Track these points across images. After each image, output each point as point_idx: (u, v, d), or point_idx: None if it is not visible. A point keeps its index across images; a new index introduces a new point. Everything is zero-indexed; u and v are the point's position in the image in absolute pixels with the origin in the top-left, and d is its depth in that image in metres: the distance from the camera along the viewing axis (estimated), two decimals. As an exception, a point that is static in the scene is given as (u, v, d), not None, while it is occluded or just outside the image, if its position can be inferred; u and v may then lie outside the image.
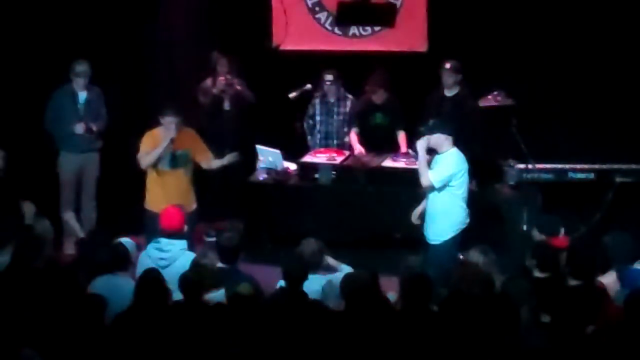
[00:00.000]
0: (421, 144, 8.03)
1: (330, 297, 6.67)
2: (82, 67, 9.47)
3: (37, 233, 7.28)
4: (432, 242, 8.09)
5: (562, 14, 10.08)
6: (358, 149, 9.82)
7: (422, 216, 8.30)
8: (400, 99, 9.91)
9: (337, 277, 6.77)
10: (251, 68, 10.49)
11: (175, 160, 8.67)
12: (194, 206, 8.87)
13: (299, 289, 6.51)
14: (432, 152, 8.15)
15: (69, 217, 8.88)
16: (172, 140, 8.56)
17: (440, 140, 8.01)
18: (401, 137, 9.84)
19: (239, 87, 10.00)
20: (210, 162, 8.92)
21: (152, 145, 8.61)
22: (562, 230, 7.64)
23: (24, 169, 9.53)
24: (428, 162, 8.06)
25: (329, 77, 9.91)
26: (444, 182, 7.96)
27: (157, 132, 8.68)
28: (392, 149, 9.78)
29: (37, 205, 8.87)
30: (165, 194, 8.63)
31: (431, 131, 8.03)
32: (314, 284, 6.76)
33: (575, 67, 10.12)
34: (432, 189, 7.99)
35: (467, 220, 8.16)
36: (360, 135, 9.91)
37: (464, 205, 8.13)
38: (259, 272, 7.29)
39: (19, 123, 9.86)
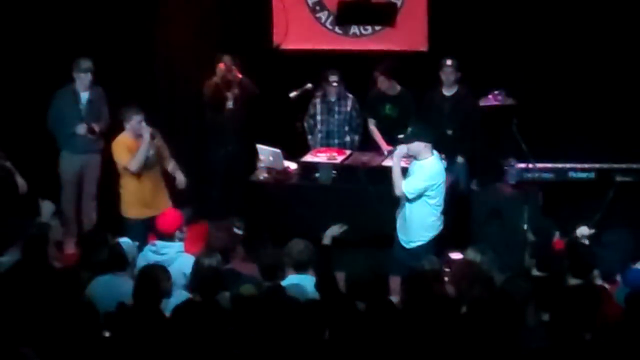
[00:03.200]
0: (398, 153, 8.06)
1: None
2: (87, 64, 9.46)
3: (44, 233, 7.27)
4: (405, 246, 8.15)
5: (562, 14, 10.08)
6: (384, 145, 9.85)
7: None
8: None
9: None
10: (252, 68, 10.49)
11: (147, 159, 8.69)
12: (169, 205, 8.87)
13: (278, 285, 6.51)
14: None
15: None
16: (152, 136, 8.59)
17: (419, 147, 7.99)
18: None
19: (240, 75, 10.01)
20: (169, 162, 8.98)
21: (128, 151, 8.62)
22: (557, 234, 7.65)
23: (25, 169, 9.54)
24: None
25: (333, 77, 9.93)
26: (418, 193, 7.98)
27: (124, 137, 8.70)
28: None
29: (37, 204, 8.90)
30: (145, 197, 8.71)
31: (410, 139, 8.02)
32: (303, 284, 6.74)
33: (575, 66, 10.11)
34: (405, 199, 8.02)
35: (441, 227, 8.20)
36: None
37: (438, 214, 8.15)
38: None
39: (20, 123, 9.85)
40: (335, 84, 9.94)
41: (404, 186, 7.95)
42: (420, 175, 7.96)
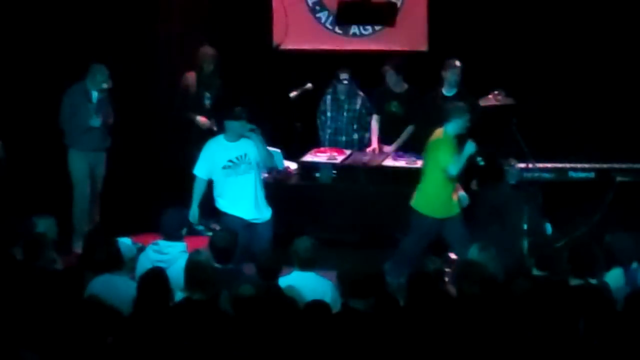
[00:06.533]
0: None
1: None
2: (107, 70, 9.42)
3: (39, 232, 7.24)
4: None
5: (561, 13, 10.10)
6: (374, 143, 9.89)
7: None
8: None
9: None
10: (252, 67, 10.49)
11: None
12: None
13: (274, 283, 6.51)
14: None
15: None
16: None
17: None
18: None
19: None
20: None
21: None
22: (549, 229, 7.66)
23: (28, 168, 9.55)
24: None
25: (344, 76, 9.93)
26: (209, 169, 8.31)
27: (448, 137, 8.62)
28: None
29: (43, 204, 8.87)
30: None
31: None
32: (308, 281, 6.77)
33: (575, 66, 10.14)
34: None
35: None
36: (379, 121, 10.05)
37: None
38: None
39: (23, 122, 9.85)
40: (345, 81, 9.95)
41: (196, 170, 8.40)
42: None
